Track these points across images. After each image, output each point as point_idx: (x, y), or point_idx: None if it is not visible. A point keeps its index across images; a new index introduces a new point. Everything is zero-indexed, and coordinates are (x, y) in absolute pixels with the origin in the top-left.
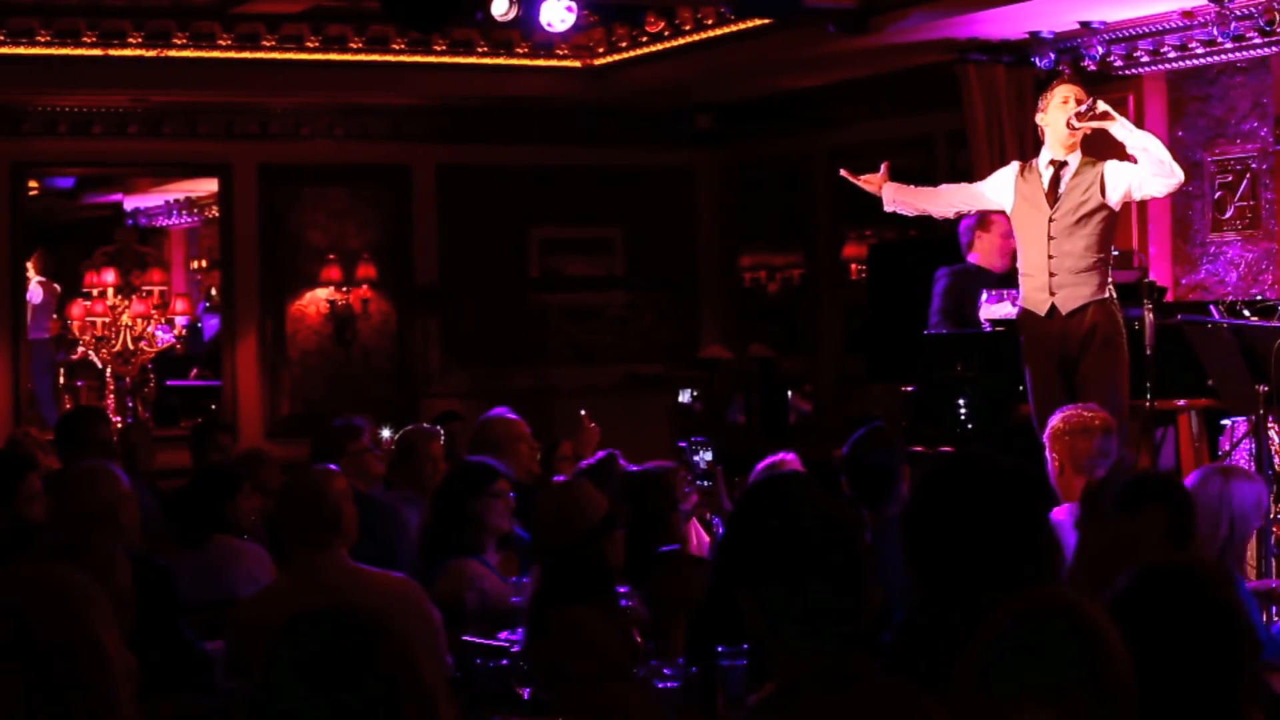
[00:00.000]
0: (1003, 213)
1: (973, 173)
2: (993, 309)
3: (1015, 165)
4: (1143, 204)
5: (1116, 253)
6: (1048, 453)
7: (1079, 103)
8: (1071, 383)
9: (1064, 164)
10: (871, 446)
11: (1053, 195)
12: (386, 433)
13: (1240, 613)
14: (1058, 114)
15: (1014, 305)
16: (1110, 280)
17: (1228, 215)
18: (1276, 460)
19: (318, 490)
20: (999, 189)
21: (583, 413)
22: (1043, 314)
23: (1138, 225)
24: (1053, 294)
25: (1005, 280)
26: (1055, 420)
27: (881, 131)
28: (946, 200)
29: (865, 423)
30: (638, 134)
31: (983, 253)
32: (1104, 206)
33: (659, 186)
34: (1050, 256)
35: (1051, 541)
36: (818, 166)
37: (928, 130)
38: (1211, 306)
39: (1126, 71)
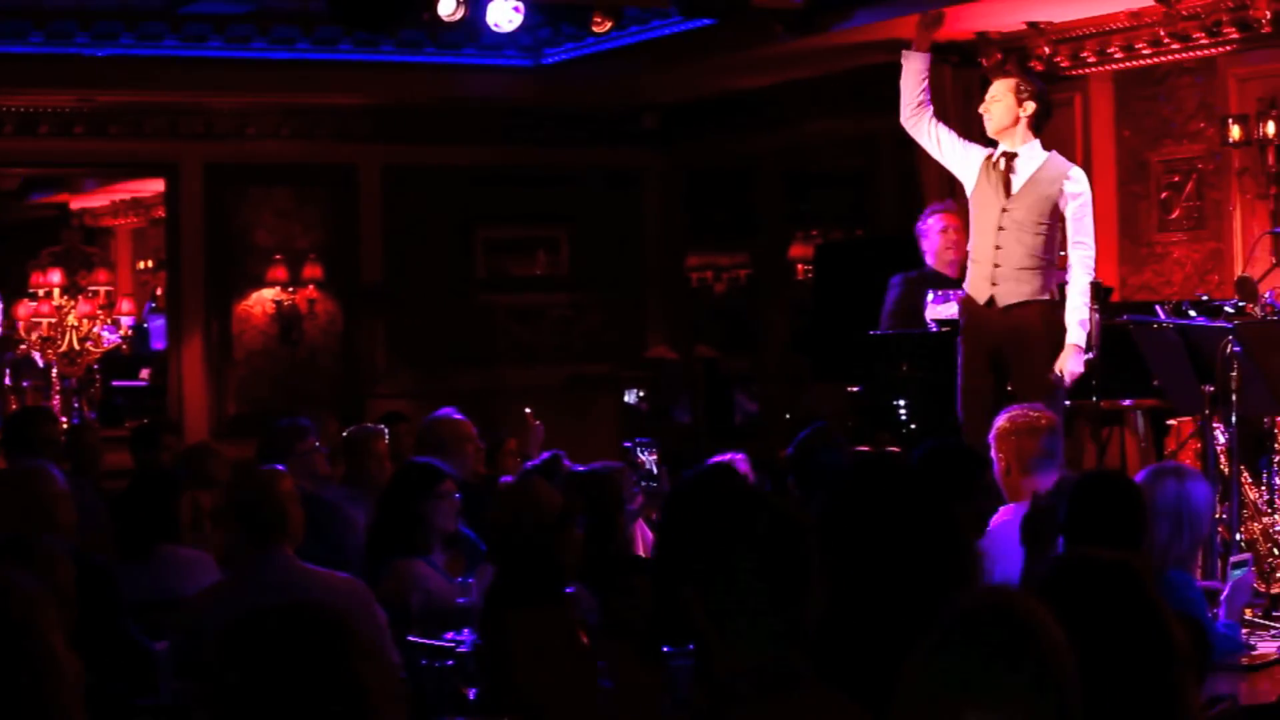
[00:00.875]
0: (942, 210)
1: (919, 174)
2: (938, 309)
3: (988, 150)
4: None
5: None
6: (994, 453)
7: (1022, 92)
8: (1002, 377)
9: (1015, 155)
10: (818, 446)
11: (1007, 188)
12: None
13: (1162, 608)
14: (1000, 104)
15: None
16: (1055, 282)
17: (1174, 216)
18: (1222, 461)
19: (264, 490)
20: (962, 160)
21: (527, 411)
22: (982, 302)
23: None
24: (994, 285)
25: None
26: (1001, 420)
27: (828, 131)
28: (920, 118)
29: (811, 423)
30: (584, 134)
31: (933, 257)
32: (1056, 211)
33: (605, 186)
34: (997, 248)
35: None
36: (764, 167)
37: (874, 130)
38: (1157, 307)
39: (1073, 72)
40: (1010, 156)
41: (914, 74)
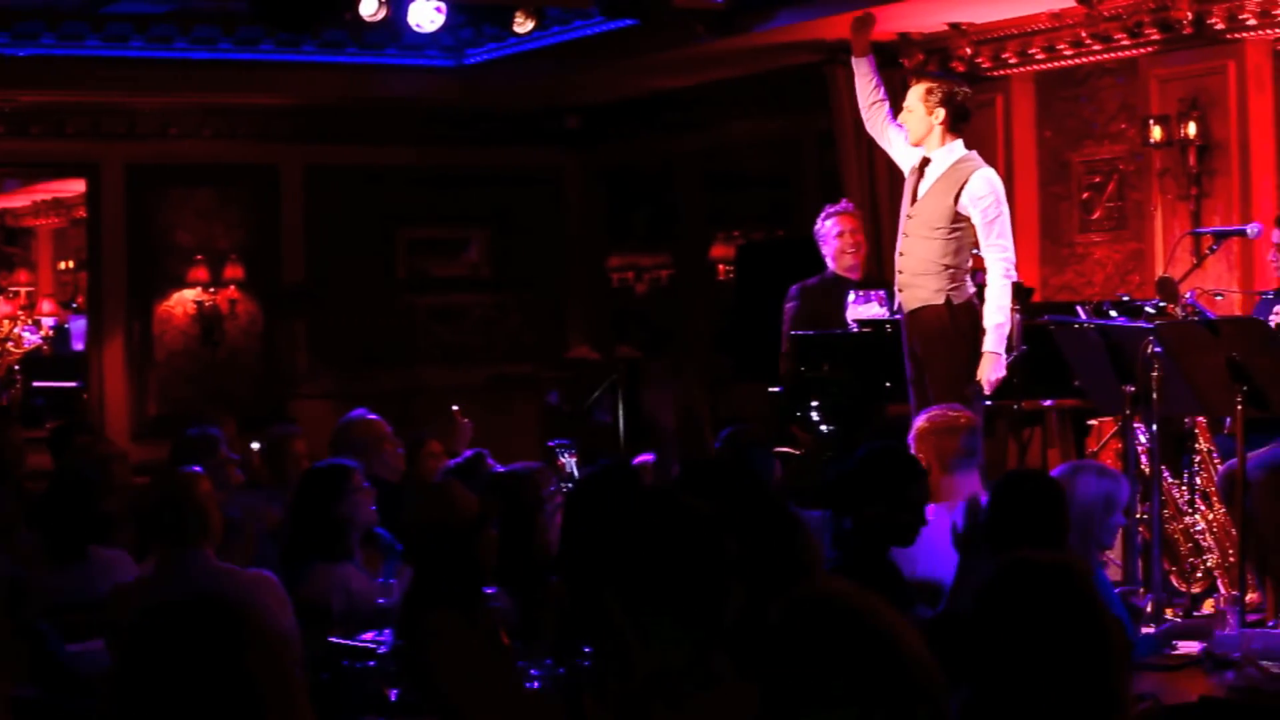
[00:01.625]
0: (840, 212)
1: (840, 174)
2: (860, 310)
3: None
4: (1010, 204)
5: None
6: (914, 453)
7: (931, 99)
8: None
9: (929, 161)
10: (745, 444)
11: (914, 195)
12: (256, 445)
13: (1101, 609)
14: (913, 114)
15: (881, 306)
16: (959, 285)
17: (1095, 216)
18: (1143, 460)
19: (185, 489)
20: (904, 154)
21: (454, 408)
22: (895, 307)
23: None
24: (900, 291)
25: (876, 281)
26: (921, 421)
27: (750, 133)
28: (875, 119)
29: (735, 423)
30: (506, 134)
31: (833, 259)
32: (958, 217)
33: (527, 187)
34: (901, 254)
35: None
36: (686, 167)
37: (796, 132)
38: (1079, 307)
39: (995, 73)
40: (925, 163)
41: (861, 77)
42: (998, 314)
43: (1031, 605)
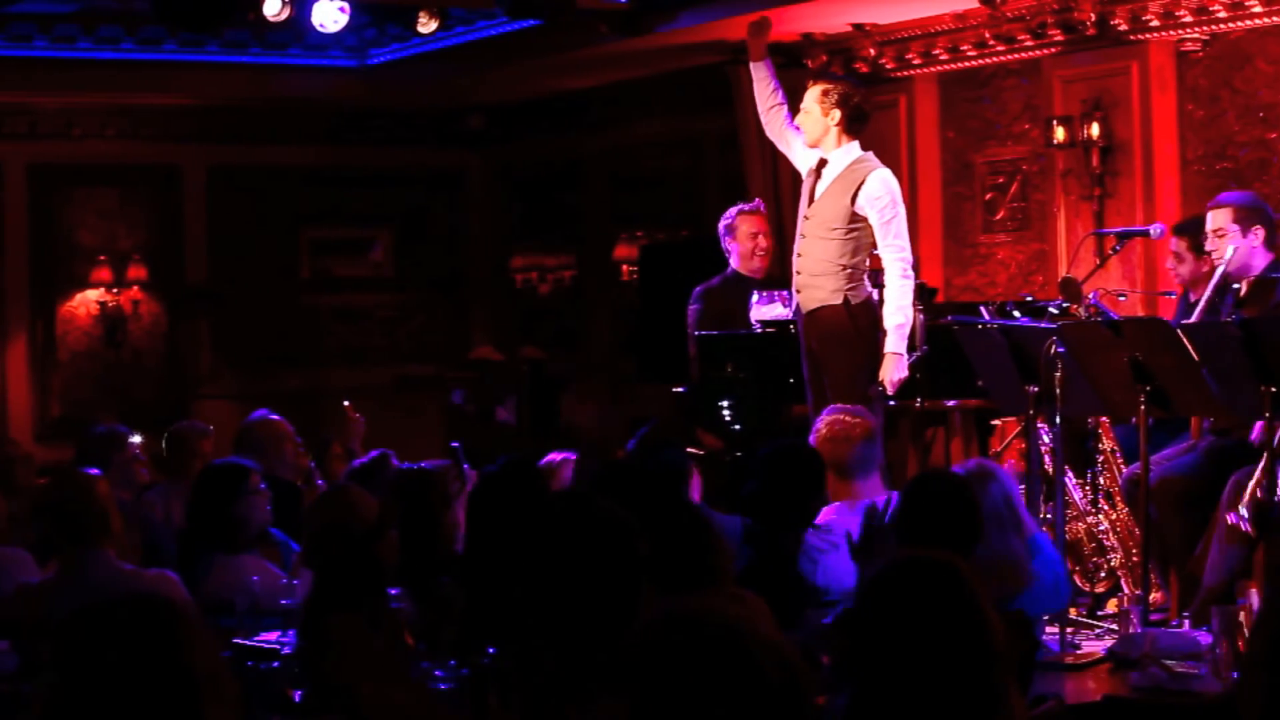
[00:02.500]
0: (750, 212)
1: (744, 175)
2: (764, 310)
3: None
4: (913, 206)
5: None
6: None
7: (827, 100)
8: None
9: (826, 162)
10: (658, 445)
11: (811, 196)
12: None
13: (983, 608)
14: (809, 116)
15: (785, 306)
16: (856, 285)
17: (999, 217)
18: (1047, 460)
19: (88, 489)
20: (803, 156)
21: (346, 404)
22: (793, 309)
23: (909, 226)
24: (799, 291)
25: (779, 282)
26: (819, 425)
27: (653, 133)
28: (774, 123)
29: (644, 423)
30: (410, 135)
31: (738, 259)
32: (855, 217)
33: (431, 187)
34: (798, 255)
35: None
36: (590, 167)
37: (699, 132)
38: (982, 308)
39: (898, 74)
40: (822, 164)
41: (759, 81)
42: (898, 314)
43: (909, 604)
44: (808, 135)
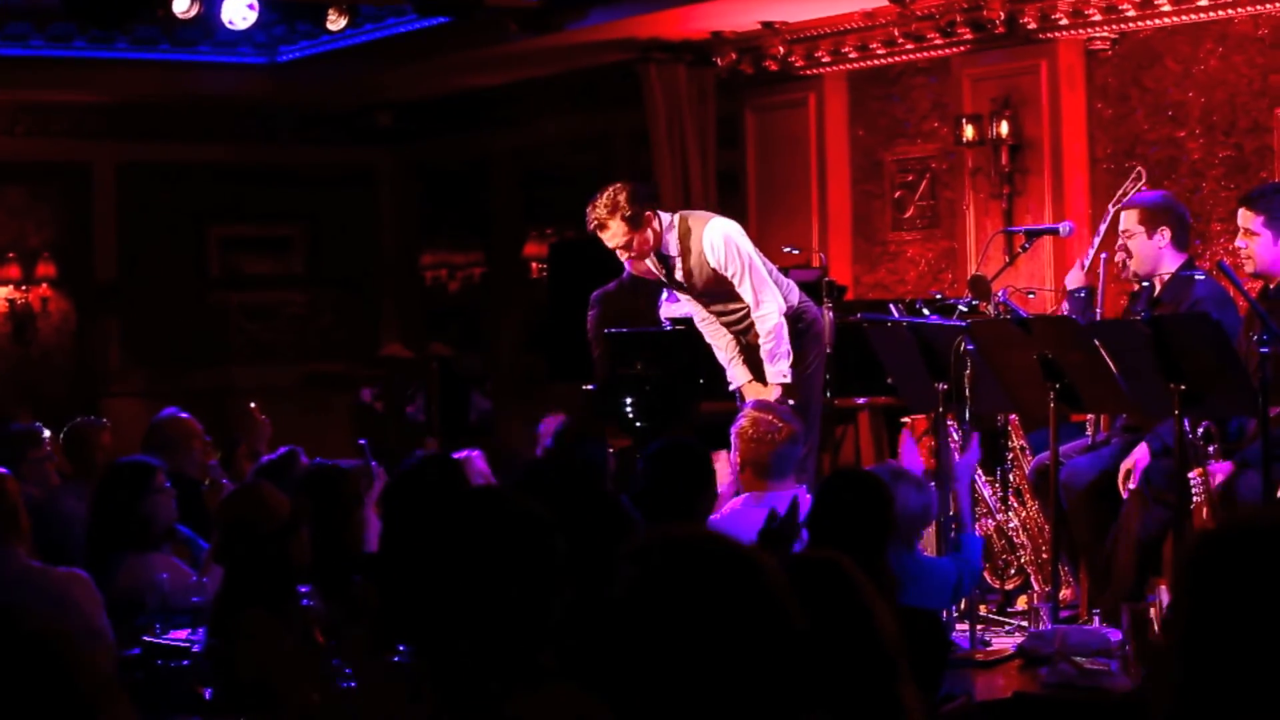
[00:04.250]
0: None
1: (654, 173)
2: (672, 308)
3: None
4: (823, 203)
5: (795, 251)
6: (732, 449)
7: (629, 221)
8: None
9: (673, 260)
10: (577, 439)
11: (687, 288)
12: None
13: (872, 606)
14: (629, 252)
15: None
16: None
17: (908, 214)
18: (956, 458)
19: None
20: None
21: (251, 405)
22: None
23: (818, 223)
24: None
25: None
26: (744, 421)
27: (563, 130)
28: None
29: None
30: (319, 132)
31: (628, 263)
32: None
33: (340, 184)
34: (729, 332)
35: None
36: (500, 164)
37: (609, 129)
38: (892, 305)
39: (808, 72)
40: (670, 266)
41: None
42: (771, 355)
43: (805, 602)
44: (641, 266)
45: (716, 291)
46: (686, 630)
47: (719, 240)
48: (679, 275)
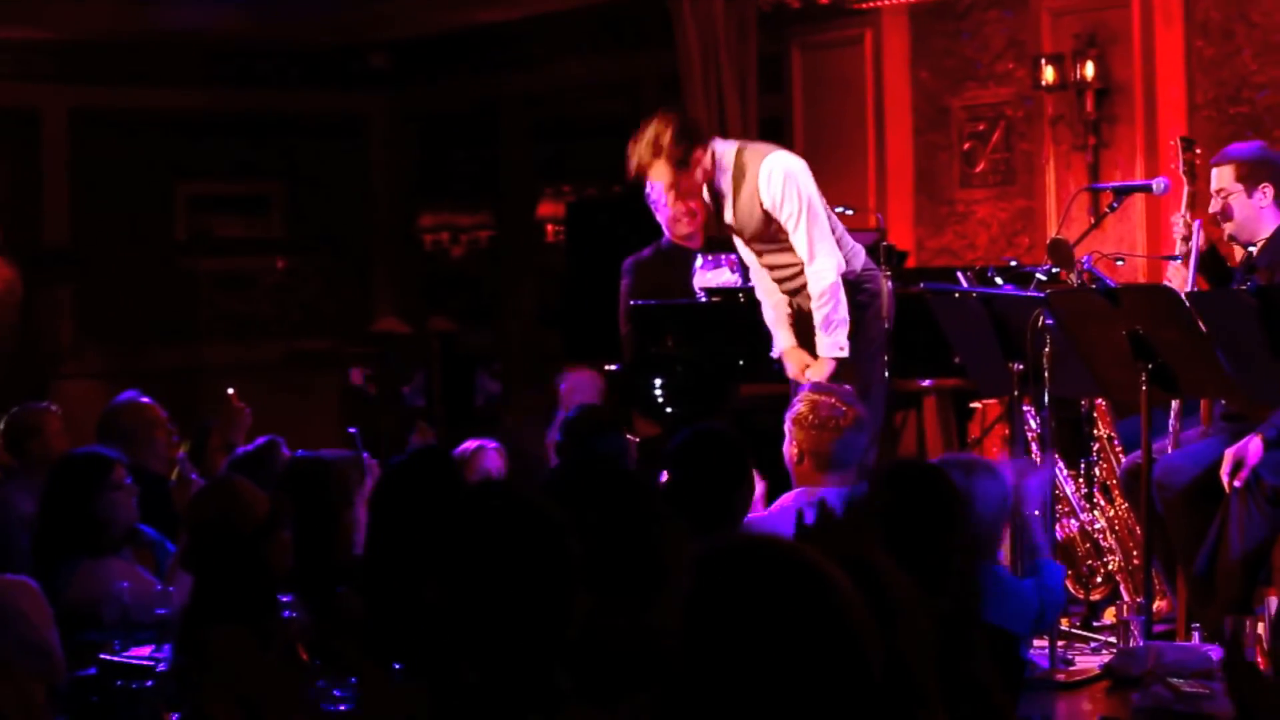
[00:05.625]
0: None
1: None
2: (708, 276)
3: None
4: (881, 156)
5: (850, 212)
6: (787, 438)
7: (676, 158)
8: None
9: (723, 196)
10: (593, 430)
11: (735, 227)
12: None
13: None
14: (675, 203)
15: (733, 272)
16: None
17: (979, 170)
18: (1034, 449)
19: None
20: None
21: (230, 391)
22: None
23: (875, 179)
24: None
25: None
26: (802, 406)
27: (583, 73)
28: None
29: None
30: (303, 74)
31: (666, 228)
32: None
33: (326, 135)
34: (777, 280)
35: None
36: (510, 112)
37: (635, 72)
38: (959, 274)
39: (863, 5)
40: (720, 203)
41: None
42: (823, 307)
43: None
44: (687, 219)
45: (767, 238)
46: (746, 662)
47: (777, 175)
48: (729, 216)
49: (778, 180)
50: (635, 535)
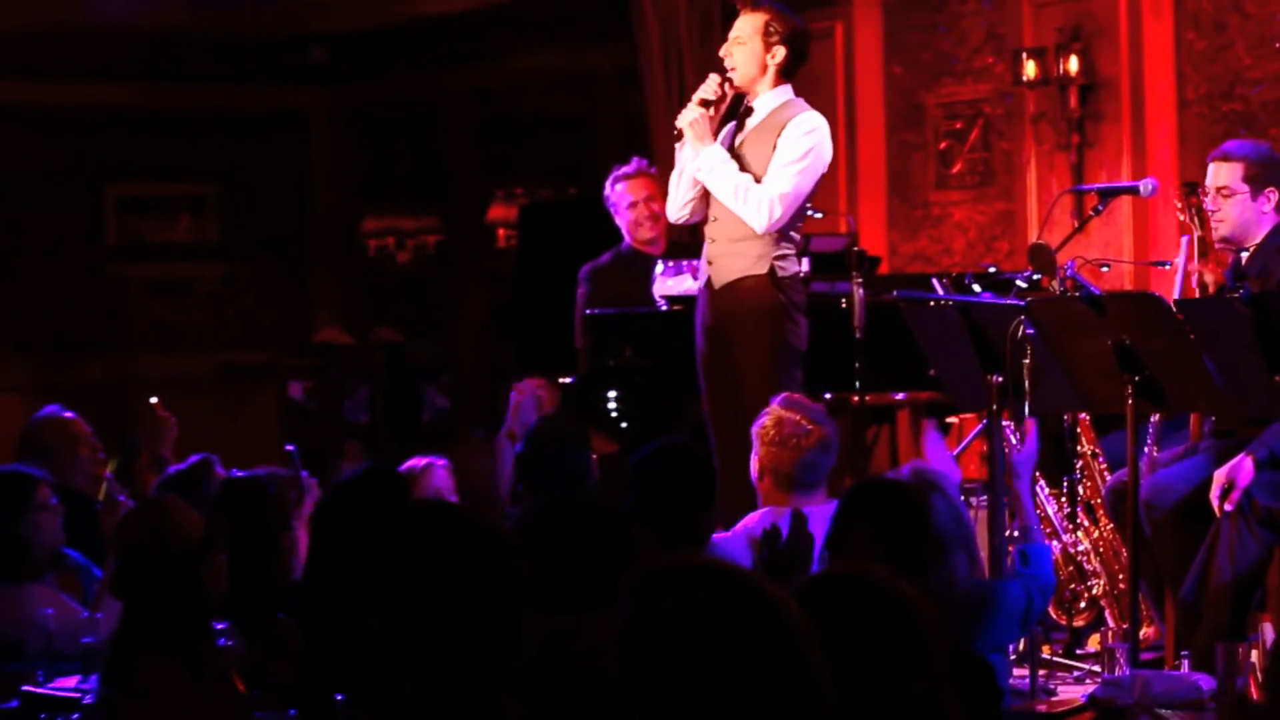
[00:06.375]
0: (630, 175)
1: (646, 119)
2: (669, 283)
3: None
4: (852, 156)
5: (818, 215)
6: (754, 449)
7: (771, 35)
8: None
9: (751, 110)
10: (555, 444)
11: (731, 149)
12: None
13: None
14: (745, 48)
15: (696, 279)
16: (785, 254)
17: (955, 170)
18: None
19: None
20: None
21: (153, 400)
22: (703, 283)
23: (846, 181)
24: (710, 263)
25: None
26: (767, 418)
27: (536, 68)
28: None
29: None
30: (240, 69)
31: (627, 233)
32: None
33: (265, 133)
34: (713, 219)
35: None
36: (457, 110)
37: (592, 68)
38: (935, 281)
39: None
40: (746, 113)
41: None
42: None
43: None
44: (740, 73)
45: (745, 163)
46: (690, 684)
47: (808, 125)
48: (742, 131)
49: (805, 127)
50: (605, 560)
